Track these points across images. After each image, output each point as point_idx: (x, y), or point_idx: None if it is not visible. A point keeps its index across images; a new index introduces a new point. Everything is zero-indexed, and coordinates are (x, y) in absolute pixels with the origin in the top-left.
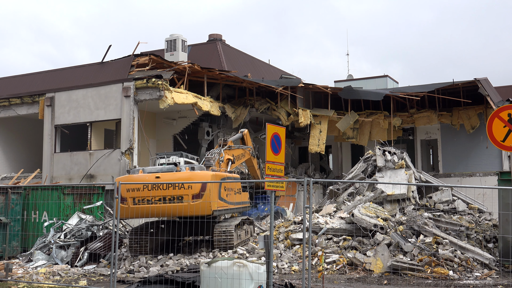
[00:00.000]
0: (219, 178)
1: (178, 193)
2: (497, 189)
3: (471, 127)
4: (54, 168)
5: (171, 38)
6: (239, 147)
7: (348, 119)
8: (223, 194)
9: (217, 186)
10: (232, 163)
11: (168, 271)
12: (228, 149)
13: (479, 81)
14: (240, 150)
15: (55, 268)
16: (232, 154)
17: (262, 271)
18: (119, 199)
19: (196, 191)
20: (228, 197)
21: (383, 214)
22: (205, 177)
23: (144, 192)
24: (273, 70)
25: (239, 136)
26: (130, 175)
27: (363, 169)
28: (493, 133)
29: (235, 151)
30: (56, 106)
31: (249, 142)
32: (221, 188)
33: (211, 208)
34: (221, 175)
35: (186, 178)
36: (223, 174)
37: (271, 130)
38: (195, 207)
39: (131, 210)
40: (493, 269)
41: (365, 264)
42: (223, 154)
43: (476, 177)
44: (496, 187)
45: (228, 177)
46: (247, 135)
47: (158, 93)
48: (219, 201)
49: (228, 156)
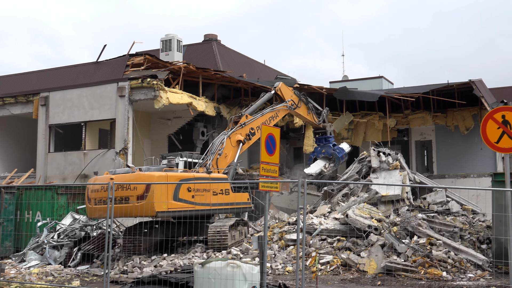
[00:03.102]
0: (175, 179)
1: (125, 194)
2: (490, 190)
3: (465, 129)
4: (48, 168)
5: (166, 38)
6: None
7: (343, 120)
8: (183, 195)
9: (169, 187)
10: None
11: (162, 271)
12: (240, 128)
13: (474, 83)
14: (266, 116)
15: (48, 269)
16: (250, 129)
17: (256, 271)
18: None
19: (140, 193)
20: (195, 198)
21: (377, 215)
22: (149, 178)
23: (101, 193)
24: (269, 70)
25: (265, 99)
26: (96, 177)
27: (358, 170)
28: (487, 135)
29: (255, 122)
30: (51, 106)
31: (287, 95)
32: (180, 189)
33: (154, 209)
34: (180, 176)
35: (133, 179)
36: (183, 175)
37: (266, 130)
38: (139, 208)
39: (94, 210)
40: (486, 270)
41: (359, 265)
42: (224, 143)
43: (470, 178)
44: (490, 188)
45: (197, 178)
46: (282, 89)
47: (153, 93)
48: (175, 202)
49: (238, 137)
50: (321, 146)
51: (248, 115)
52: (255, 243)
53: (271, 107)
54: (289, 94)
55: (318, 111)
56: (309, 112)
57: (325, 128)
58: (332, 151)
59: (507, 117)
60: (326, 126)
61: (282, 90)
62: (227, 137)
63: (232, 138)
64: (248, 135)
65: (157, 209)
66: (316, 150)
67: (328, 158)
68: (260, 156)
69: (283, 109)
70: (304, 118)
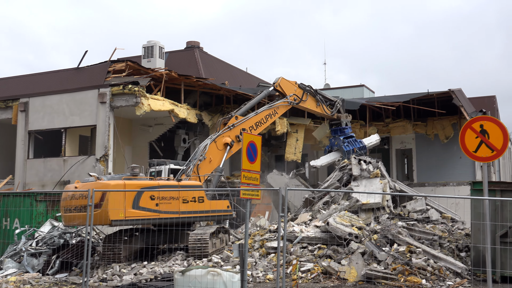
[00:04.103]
0: (135, 187)
1: (83, 203)
2: (469, 198)
3: (445, 137)
4: (27, 175)
5: (149, 45)
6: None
7: (324, 128)
8: (145, 203)
9: (127, 195)
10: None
11: (142, 279)
12: (228, 130)
13: (453, 92)
14: (261, 114)
15: (25, 277)
16: (241, 130)
17: (237, 279)
18: (92, 206)
19: (96, 201)
20: (159, 206)
21: (358, 223)
22: (105, 187)
23: (68, 202)
24: (251, 78)
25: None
26: (68, 185)
27: (339, 178)
28: (465, 144)
29: (248, 122)
30: (30, 112)
31: (289, 90)
32: (141, 197)
33: (109, 218)
34: (141, 184)
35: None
36: (145, 183)
37: (247, 138)
38: (95, 217)
39: (65, 217)
40: (465, 278)
41: (339, 272)
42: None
43: (449, 186)
44: (468, 197)
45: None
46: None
47: (135, 100)
48: (134, 210)
49: (226, 140)
50: (335, 138)
51: (239, 116)
52: (235, 250)
53: (269, 105)
54: (291, 89)
55: (332, 102)
56: (319, 105)
57: (339, 119)
58: (341, 143)
59: (485, 127)
60: (340, 116)
61: (282, 85)
62: (212, 141)
63: (218, 141)
64: (238, 137)
65: (111, 217)
66: (331, 142)
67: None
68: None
69: (284, 105)
70: (313, 111)
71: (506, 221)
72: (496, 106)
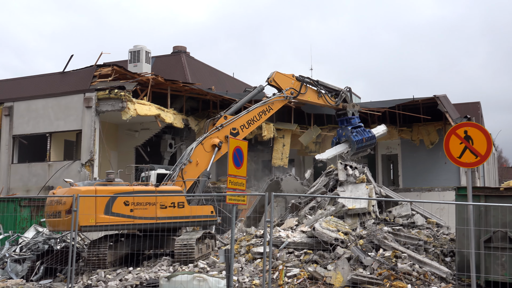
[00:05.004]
0: (107, 193)
1: (58, 209)
2: (454, 204)
3: (430, 143)
4: (11, 180)
5: (135, 49)
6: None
7: (310, 133)
8: (119, 209)
9: (98, 200)
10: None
11: (127, 285)
12: (217, 131)
13: (438, 98)
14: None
15: (9, 283)
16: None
17: (223, 285)
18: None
19: (68, 207)
20: (134, 211)
21: (344, 228)
22: (75, 192)
23: (50, 207)
24: (237, 83)
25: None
26: (52, 190)
27: (325, 183)
28: (450, 150)
29: (238, 120)
30: (15, 116)
31: (285, 84)
32: (115, 202)
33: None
34: (113, 190)
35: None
36: (118, 189)
37: (233, 143)
38: (67, 223)
39: (48, 222)
40: (450, 283)
41: (325, 278)
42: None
43: (434, 191)
44: (453, 202)
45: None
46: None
47: (121, 104)
48: (106, 216)
49: (213, 141)
50: (342, 128)
51: (228, 116)
52: (221, 256)
53: (263, 101)
54: (288, 82)
55: (337, 92)
56: (320, 96)
57: (345, 109)
58: (350, 134)
59: (469, 133)
60: (346, 106)
61: (277, 79)
62: (199, 143)
63: (205, 143)
64: (227, 137)
65: (81, 223)
66: (338, 133)
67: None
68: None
69: (279, 101)
70: (314, 103)
71: (490, 226)
72: (481, 112)
